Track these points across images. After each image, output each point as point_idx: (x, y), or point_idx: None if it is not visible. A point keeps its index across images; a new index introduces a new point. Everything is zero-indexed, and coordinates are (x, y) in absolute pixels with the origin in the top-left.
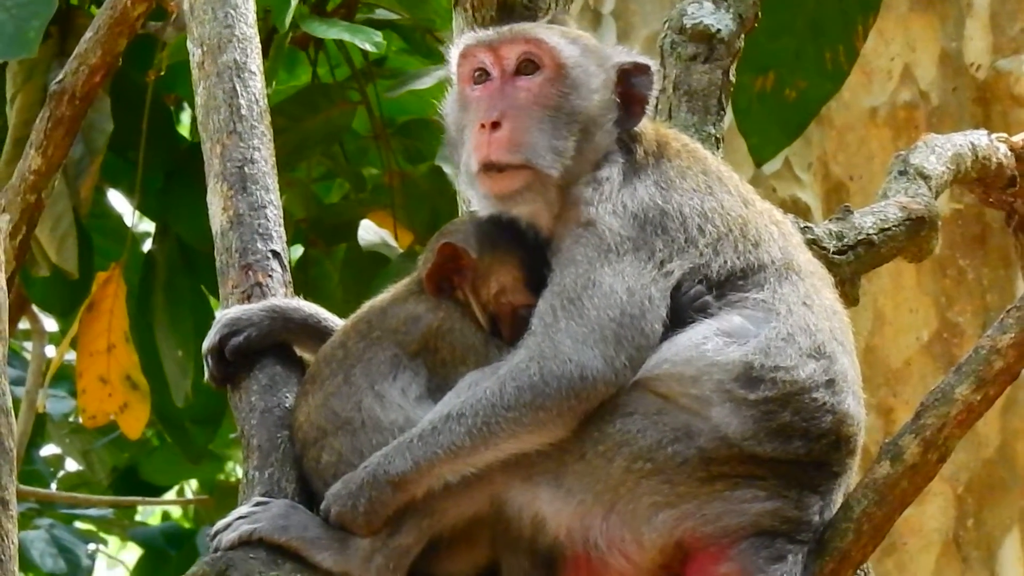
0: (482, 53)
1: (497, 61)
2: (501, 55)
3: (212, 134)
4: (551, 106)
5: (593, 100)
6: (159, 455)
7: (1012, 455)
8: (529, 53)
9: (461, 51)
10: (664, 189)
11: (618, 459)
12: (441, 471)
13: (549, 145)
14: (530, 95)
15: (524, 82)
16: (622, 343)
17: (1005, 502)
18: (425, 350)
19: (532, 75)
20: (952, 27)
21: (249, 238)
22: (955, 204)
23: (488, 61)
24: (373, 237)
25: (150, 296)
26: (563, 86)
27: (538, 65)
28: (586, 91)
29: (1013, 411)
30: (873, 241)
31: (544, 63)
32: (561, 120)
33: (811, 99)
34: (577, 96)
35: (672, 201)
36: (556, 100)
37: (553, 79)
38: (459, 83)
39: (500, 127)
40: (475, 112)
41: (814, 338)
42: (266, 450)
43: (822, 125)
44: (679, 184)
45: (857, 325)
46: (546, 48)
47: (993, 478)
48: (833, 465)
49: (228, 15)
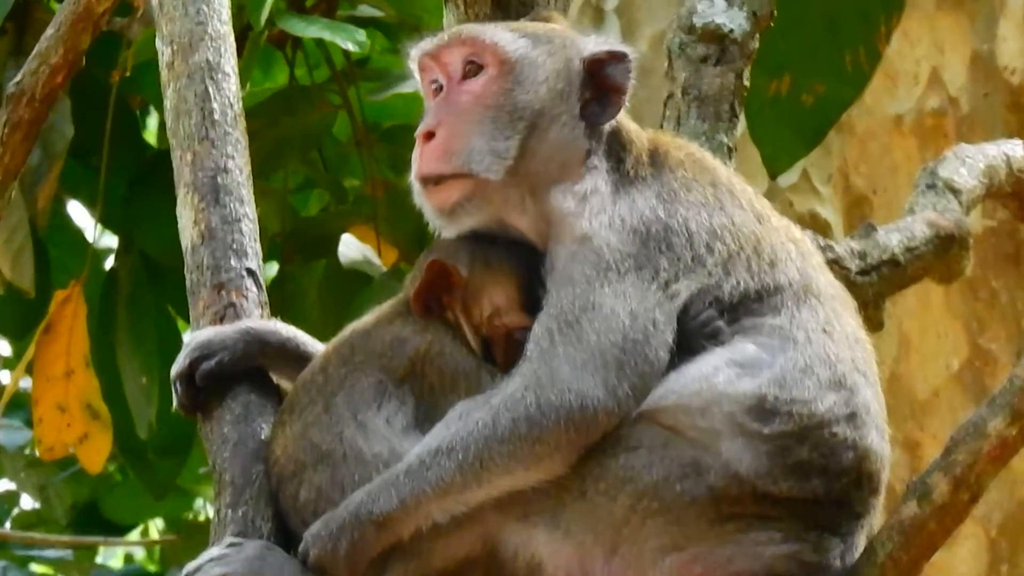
0: (427, 62)
1: (442, 68)
2: (444, 62)
3: (182, 140)
4: (492, 105)
5: (540, 92)
6: (122, 491)
7: None
8: (471, 55)
9: (415, 63)
10: (668, 202)
11: (621, 497)
12: (430, 510)
13: (487, 147)
14: (471, 97)
15: (468, 85)
16: (624, 370)
17: None
18: (412, 376)
19: (476, 77)
20: (984, 27)
21: (222, 254)
22: (988, 220)
23: (436, 70)
24: (355, 253)
25: (112, 316)
26: (506, 82)
27: (481, 65)
28: (531, 83)
29: None
30: (899, 261)
31: (487, 62)
32: (502, 119)
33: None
34: (521, 90)
35: (677, 215)
36: (497, 98)
37: (497, 77)
38: (424, 95)
39: (434, 136)
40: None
41: (834, 368)
42: (239, 486)
43: (842, 133)
44: (684, 197)
45: (881, 352)
46: (486, 46)
47: None
48: (855, 505)
49: (200, 11)
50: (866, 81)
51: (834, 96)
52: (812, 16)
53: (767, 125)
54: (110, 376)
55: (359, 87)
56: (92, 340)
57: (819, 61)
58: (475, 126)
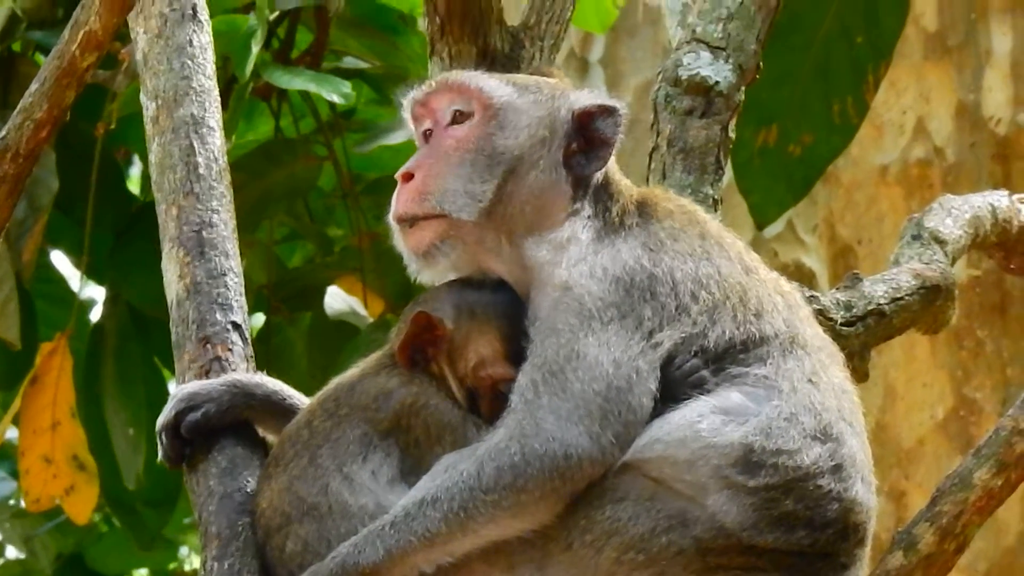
0: (417, 109)
1: (431, 115)
2: (432, 108)
3: (167, 195)
4: (472, 149)
5: (521, 138)
6: (108, 541)
7: None
8: (457, 101)
9: (407, 111)
10: (653, 251)
11: (607, 549)
12: (416, 560)
13: (464, 189)
14: (454, 142)
15: (453, 131)
16: (608, 419)
17: None
18: (398, 428)
19: (462, 123)
20: (970, 77)
21: (207, 308)
22: (973, 271)
23: (426, 117)
24: (341, 304)
25: (99, 368)
26: (489, 127)
27: (468, 113)
28: (512, 129)
29: None
30: (884, 311)
31: (473, 108)
32: (481, 162)
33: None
34: (502, 135)
35: (662, 264)
36: (479, 142)
37: (481, 122)
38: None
39: (413, 178)
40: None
41: (819, 418)
42: (226, 538)
43: (828, 183)
44: (670, 246)
45: (866, 401)
46: (472, 92)
47: (1015, 567)
48: (840, 556)
49: (185, 65)
50: (854, 131)
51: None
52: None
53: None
54: (96, 427)
55: (345, 139)
56: (78, 392)
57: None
58: (454, 168)
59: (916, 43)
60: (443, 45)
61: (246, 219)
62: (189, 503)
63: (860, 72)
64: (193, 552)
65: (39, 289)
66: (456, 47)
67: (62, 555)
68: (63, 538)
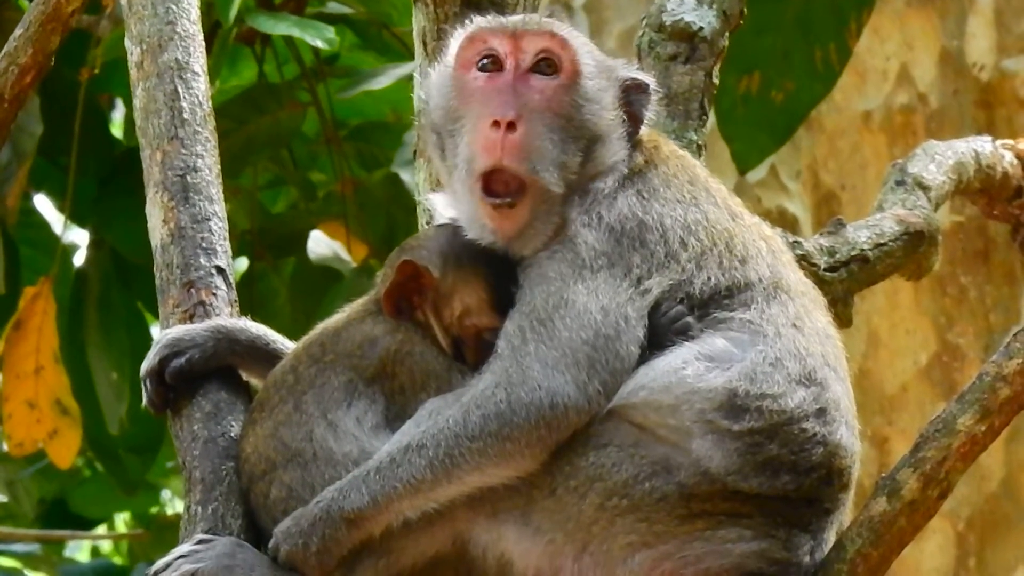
0: (499, 40)
1: (515, 52)
2: (521, 46)
3: (152, 140)
4: (562, 115)
5: (604, 117)
6: (90, 486)
7: (1017, 489)
8: (550, 51)
9: (472, 33)
10: (645, 199)
11: (591, 495)
12: (400, 507)
13: (558, 159)
14: (543, 99)
15: (538, 82)
16: (596, 367)
17: (1010, 540)
18: (382, 375)
19: (548, 76)
20: (953, 24)
21: (191, 253)
22: (956, 217)
23: (504, 50)
24: (324, 250)
25: (82, 313)
26: (576, 95)
27: (556, 67)
28: (598, 107)
29: (1019, 441)
30: (868, 257)
31: (563, 66)
32: (570, 133)
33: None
34: (589, 110)
35: (652, 212)
36: (567, 110)
37: (567, 86)
38: (457, 67)
39: (515, 128)
40: (483, 104)
41: (804, 363)
42: (210, 483)
43: (811, 130)
44: (662, 193)
45: (849, 348)
46: (570, 50)
47: (997, 514)
48: (824, 501)
49: (169, 10)
50: (836, 78)
51: (804, 93)
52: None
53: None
54: (80, 373)
55: (328, 84)
56: (62, 337)
57: (790, 59)
58: (549, 132)
59: None
60: None
61: (230, 165)
62: (171, 448)
63: (843, 19)
64: (175, 496)
65: (23, 234)
66: None
67: (45, 499)
68: (46, 482)
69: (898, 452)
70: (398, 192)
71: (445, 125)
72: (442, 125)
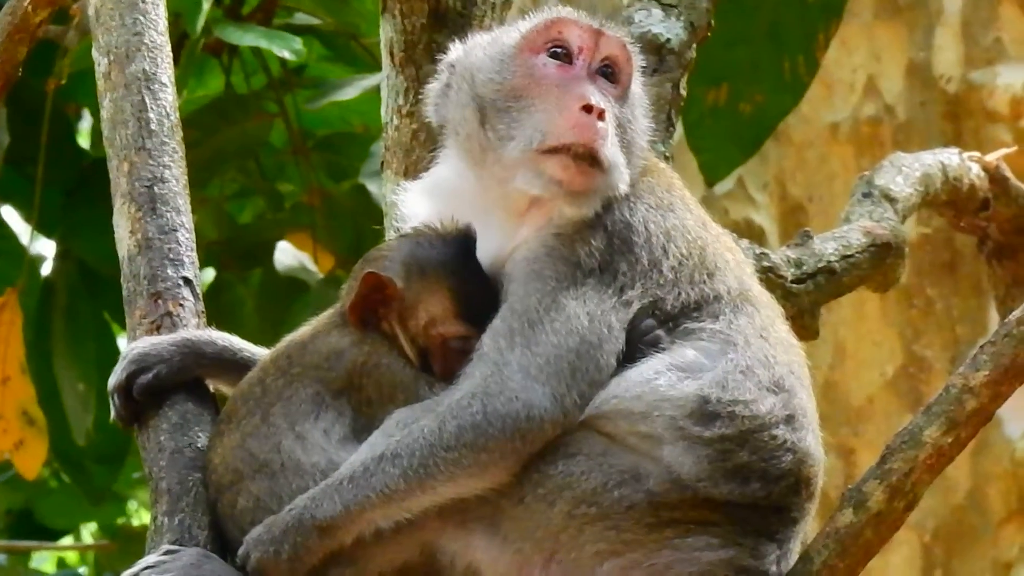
0: (579, 33)
1: (591, 50)
2: (599, 46)
3: (119, 150)
4: (624, 124)
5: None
6: (57, 496)
7: (983, 500)
8: (617, 60)
9: (552, 19)
10: (632, 203)
11: (560, 503)
12: (373, 516)
13: (624, 162)
14: (615, 103)
15: (606, 85)
16: (576, 378)
17: (976, 551)
18: (350, 388)
19: (611, 84)
20: (921, 36)
21: (159, 264)
22: (923, 228)
23: (583, 45)
24: (291, 260)
25: (49, 323)
26: (626, 108)
27: (617, 76)
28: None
29: (984, 453)
30: (834, 269)
31: (621, 78)
32: (624, 141)
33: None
34: (636, 125)
35: (638, 215)
36: (626, 118)
37: (622, 97)
38: (524, 48)
39: (604, 119)
40: (563, 88)
41: (773, 371)
42: (176, 494)
43: (779, 142)
44: (645, 199)
45: (816, 359)
46: (631, 65)
47: (963, 525)
48: (792, 510)
49: (137, 21)
50: (804, 89)
51: (772, 105)
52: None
53: (705, 134)
54: (46, 383)
55: (296, 95)
56: (28, 347)
57: (758, 70)
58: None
59: (867, 1)
60: (395, 2)
61: (197, 175)
62: (138, 458)
63: (811, 30)
64: (142, 507)
65: None
66: (408, 4)
67: (11, 510)
68: (12, 493)
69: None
70: (365, 203)
71: (497, 100)
72: (492, 99)
